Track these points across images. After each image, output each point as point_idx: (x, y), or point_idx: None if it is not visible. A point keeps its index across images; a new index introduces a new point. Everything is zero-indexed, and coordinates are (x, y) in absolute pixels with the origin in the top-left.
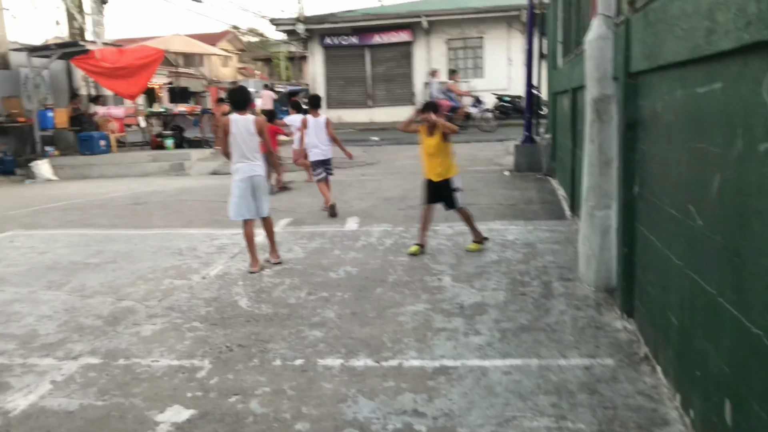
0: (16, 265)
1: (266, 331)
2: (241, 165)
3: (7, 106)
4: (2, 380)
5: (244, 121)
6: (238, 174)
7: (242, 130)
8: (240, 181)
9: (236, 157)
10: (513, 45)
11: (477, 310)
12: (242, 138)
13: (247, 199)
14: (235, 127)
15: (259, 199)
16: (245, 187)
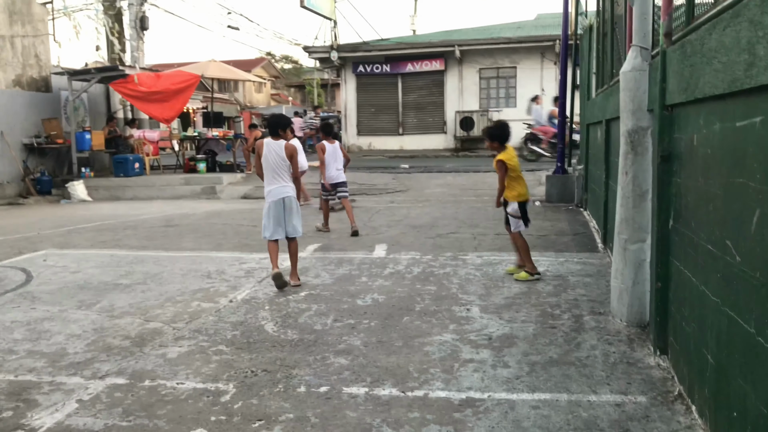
0: (48, 284)
1: (291, 356)
2: (273, 187)
3: (47, 128)
4: (31, 397)
5: (276, 146)
6: (270, 196)
7: (273, 153)
8: (272, 202)
9: (268, 179)
10: (546, 75)
11: (505, 342)
12: (274, 161)
13: (278, 220)
14: (267, 150)
15: (289, 220)
16: (277, 209)
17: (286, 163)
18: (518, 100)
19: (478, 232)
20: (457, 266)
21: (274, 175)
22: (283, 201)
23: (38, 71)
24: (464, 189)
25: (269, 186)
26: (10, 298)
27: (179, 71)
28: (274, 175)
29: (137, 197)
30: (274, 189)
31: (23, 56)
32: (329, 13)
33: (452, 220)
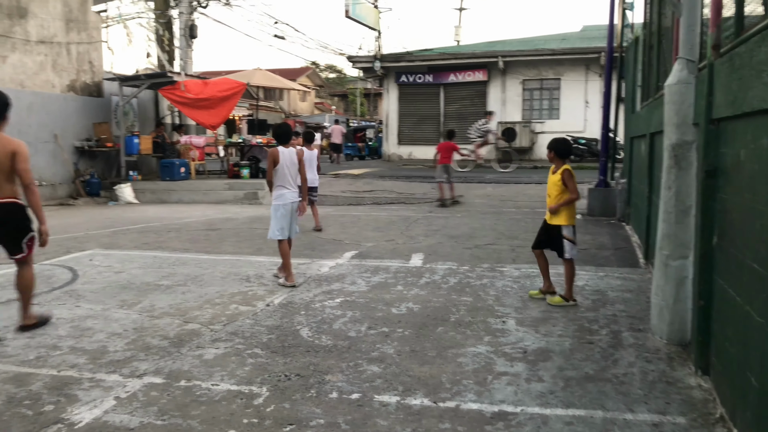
0: (92, 283)
1: (325, 362)
2: (285, 191)
3: (98, 132)
4: (71, 392)
5: (289, 153)
6: (281, 199)
7: (288, 160)
8: (283, 205)
9: (282, 184)
10: (591, 87)
11: (541, 355)
12: (288, 168)
13: (287, 221)
14: (283, 158)
15: (294, 221)
16: (287, 211)
17: (296, 168)
18: (562, 112)
19: (516, 244)
20: (494, 278)
21: (289, 180)
22: (293, 204)
23: (91, 77)
24: (504, 200)
25: (282, 190)
26: (57, 296)
27: (226, 79)
28: (289, 180)
29: (182, 201)
30: (287, 193)
31: (78, 62)
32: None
33: (491, 231)
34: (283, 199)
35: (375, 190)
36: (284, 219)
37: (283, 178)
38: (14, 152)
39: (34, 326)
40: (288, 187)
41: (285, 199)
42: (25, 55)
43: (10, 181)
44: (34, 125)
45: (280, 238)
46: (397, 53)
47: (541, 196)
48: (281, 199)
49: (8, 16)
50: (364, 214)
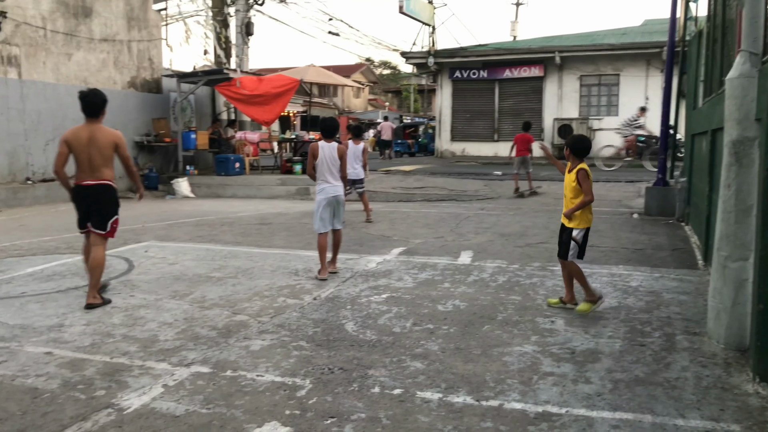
0: (147, 274)
1: (368, 357)
2: (326, 185)
3: (156, 127)
4: (122, 379)
5: (330, 148)
6: (323, 193)
7: (328, 155)
8: (325, 199)
9: (322, 178)
10: (651, 83)
11: (589, 357)
12: (328, 162)
13: (327, 214)
14: (322, 152)
15: (337, 215)
16: (328, 205)
17: (338, 163)
18: (620, 109)
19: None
20: (544, 277)
21: (328, 174)
22: (335, 198)
23: (151, 73)
24: (558, 198)
25: (323, 185)
26: (113, 286)
27: (280, 75)
28: (328, 174)
29: (236, 195)
30: (328, 187)
31: (138, 59)
32: (428, 19)
33: (543, 230)
34: (324, 193)
35: (426, 187)
36: (324, 212)
37: (323, 172)
38: (116, 142)
39: (99, 305)
40: (329, 180)
41: (326, 193)
42: (88, 53)
43: (109, 167)
44: None
45: (318, 230)
46: (451, 49)
47: (597, 194)
48: (322, 193)
49: (74, 16)
50: (413, 211)
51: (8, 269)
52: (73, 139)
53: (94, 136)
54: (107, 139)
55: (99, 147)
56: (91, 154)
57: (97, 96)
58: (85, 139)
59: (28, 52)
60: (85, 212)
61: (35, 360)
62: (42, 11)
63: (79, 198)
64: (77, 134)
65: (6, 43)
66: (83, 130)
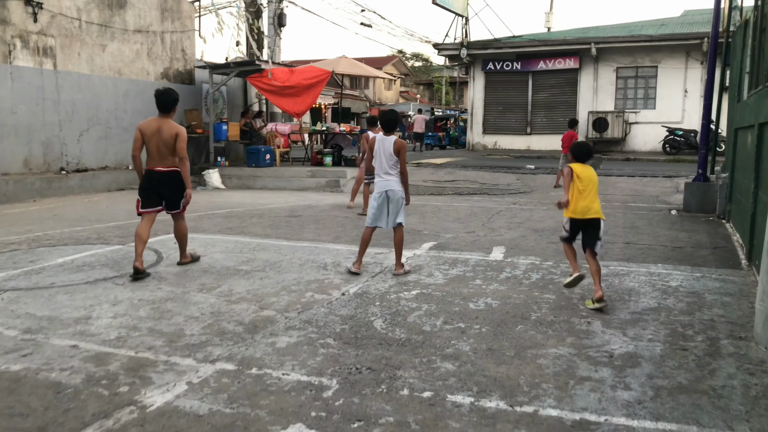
0: (175, 266)
1: (397, 356)
2: (378, 180)
3: (188, 118)
4: (146, 375)
5: (387, 142)
6: (376, 187)
7: (384, 148)
8: (375, 193)
9: (376, 172)
10: (690, 76)
11: (628, 361)
12: (383, 156)
13: (381, 210)
14: (378, 146)
15: (391, 210)
16: (380, 200)
17: (394, 158)
18: (658, 102)
19: (605, 239)
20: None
21: (380, 168)
22: (386, 193)
23: (183, 65)
24: None
25: (376, 178)
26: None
27: (311, 67)
28: (379, 168)
29: (266, 187)
30: (380, 181)
31: (171, 50)
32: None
33: None
34: (376, 188)
35: (457, 180)
36: (377, 208)
37: (377, 167)
38: (177, 135)
39: (189, 263)
40: (380, 175)
41: (378, 188)
42: (122, 44)
43: (173, 155)
44: (130, 111)
45: (368, 224)
46: (484, 40)
47: (633, 189)
48: (375, 187)
49: (108, 7)
50: (444, 205)
51: (39, 259)
52: (146, 128)
53: (161, 128)
54: (171, 132)
55: (164, 138)
56: (158, 143)
57: (169, 95)
58: (155, 130)
59: (63, 43)
60: (156, 194)
61: (60, 353)
62: (77, 2)
63: (152, 181)
64: (149, 125)
65: (42, 34)
66: (154, 122)
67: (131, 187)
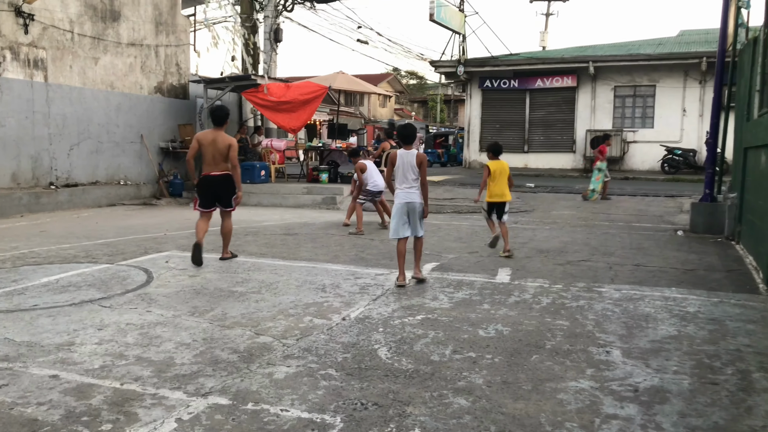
0: (166, 286)
1: (406, 390)
2: (399, 192)
3: (182, 133)
4: (132, 410)
5: (409, 155)
6: (397, 199)
7: (406, 162)
8: (398, 204)
9: (397, 184)
10: (689, 95)
11: (655, 396)
12: (405, 169)
13: (403, 221)
14: (401, 159)
15: (413, 221)
16: (402, 211)
17: (416, 171)
18: (656, 121)
19: (613, 261)
20: (591, 299)
21: (403, 181)
22: (407, 205)
23: (178, 79)
24: (595, 212)
25: (397, 191)
26: (130, 299)
27: (308, 82)
28: (403, 181)
29: (261, 204)
30: (401, 193)
31: (165, 64)
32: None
33: (583, 246)
34: (398, 199)
35: (456, 198)
36: (399, 218)
37: (399, 180)
38: (230, 145)
39: (229, 258)
40: (403, 187)
41: (399, 199)
42: (115, 57)
43: (225, 162)
44: (122, 125)
45: (393, 237)
46: (481, 58)
47: (636, 209)
48: (396, 198)
49: (102, 19)
50: (444, 223)
51: (23, 278)
52: (202, 138)
53: (216, 139)
54: (224, 143)
55: (218, 147)
56: (213, 152)
57: (222, 110)
58: (210, 140)
59: (55, 56)
60: (212, 195)
61: (39, 384)
62: (70, 14)
63: (207, 185)
64: (205, 135)
65: (33, 46)
66: (210, 134)
67: (122, 203)
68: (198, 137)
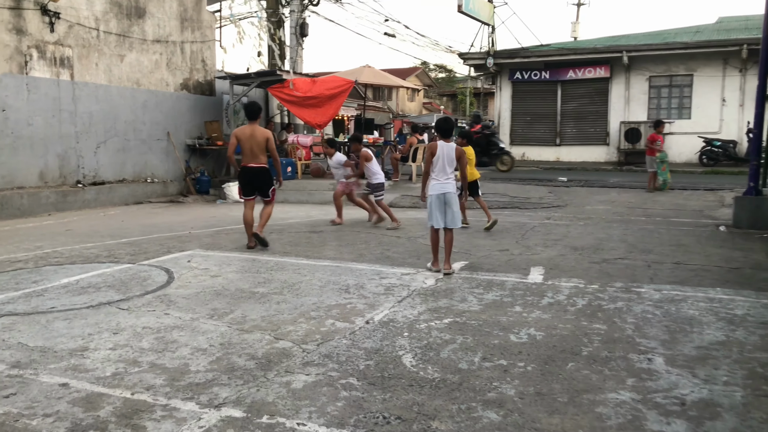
0: (186, 287)
1: (431, 402)
2: (436, 183)
3: (209, 130)
4: (141, 423)
5: (448, 148)
6: (433, 190)
7: (446, 154)
8: (433, 195)
9: (434, 176)
10: (729, 84)
11: (705, 410)
12: (445, 161)
13: (439, 211)
14: (441, 151)
15: (449, 212)
16: (438, 202)
17: (455, 163)
18: (693, 111)
19: (652, 259)
20: (630, 301)
21: (441, 173)
22: (444, 196)
23: (204, 75)
24: (631, 207)
25: (433, 182)
26: (148, 301)
27: (333, 77)
28: (441, 173)
29: (287, 200)
30: (437, 184)
31: (191, 61)
32: (487, 19)
33: (620, 243)
34: (434, 190)
35: (485, 193)
36: (435, 209)
37: (437, 171)
38: (268, 137)
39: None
40: (440, 178)
41: (435, 190)
42: (141, 54)
43: (263, 154)
44: (148, 123)
45: (430, 224)
46: (511, 49)
47: (674, 203)
48: (432, 190)
49: (127, 16)
50: (473, 219)
51: (43, 279)
52: (240, 133)
53: (253, 132)
54: (262, 136)
55: (257, 140)
56: (252, 145)
57: (255, 105)
58: (248, 135)
59: (81, 54)
60: (250, 185)
61: (47, 393)
62: (95, 12)
63: (246, 175)
64: (243, 130)
65: (59, 44)
66: (247, 128)
67: (149, 200)
68: (236, 133)
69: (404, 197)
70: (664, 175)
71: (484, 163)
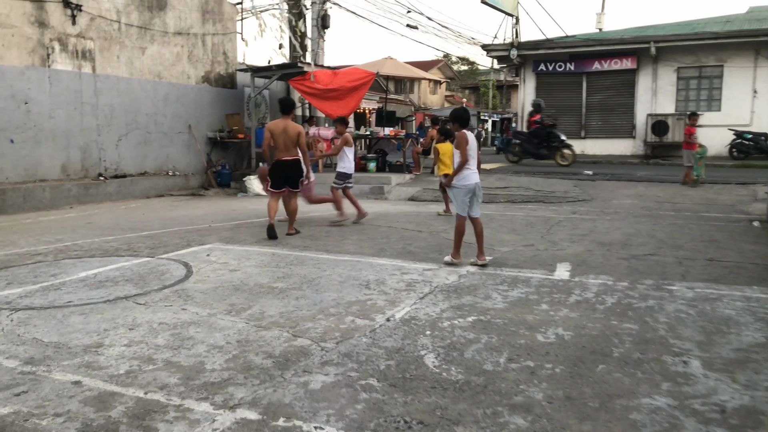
0: (204, 282)
1: (455, 406)
2: (469, 172)
3: (230, 123)
4: (153, 424)
5: (473, 138)
6: (466, 180)
7: (473, 143)
8: (470, 185)
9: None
10: (761, 75)
11: (747, 419)
12: (474, 150)
13: (472, 200)
14: (472, 140)
15: (475, 201)
16: (469, 191)
17: (476, 152)
18: (723, 103)
19: (683, 255)
20: (662, 299)
21: (473, 161)
22: (476, 185)
23: (225, 68)
24: (660, 202)
25: (467, 171)
26: (166, 295)
27: (355, 69)
28: (474, 162)
29: None
30: (470, 174)
31: (212, 53)
32: (511, 9)
33: (649, 239)
34: (467, 180)
35: (509, 187)
36: (466, 198)
37: (471, 161)
38: (299, 132)
39: (293, 235)
40: (472, 168)
41: (468, 180)
42: (162, 47)
43: (295, 148)
44: (170, 115)
45: (461, 213)
46: (535, 41)
47: (704, 197)
48: (465, 179)
49: (148, 9)
50: (497, 214)
51: (62, 273)
52: (274, 127)
53: (286, 127)
54: (294, 130)
55: (289, 134)
56: (285, 139)
57: (289, 100)
58: (281, 129)
59: (102, 46)
60: (283, 178)
61: (59, 392)
62: (117, 4)
63: (279, 168)
64: (276, 125)
65: (80, 37)
66: (280, 122)
67: (170, 193)
68: (269, 127)
69: (426, 191)
70: (699, 170)
71: (542, 156)
